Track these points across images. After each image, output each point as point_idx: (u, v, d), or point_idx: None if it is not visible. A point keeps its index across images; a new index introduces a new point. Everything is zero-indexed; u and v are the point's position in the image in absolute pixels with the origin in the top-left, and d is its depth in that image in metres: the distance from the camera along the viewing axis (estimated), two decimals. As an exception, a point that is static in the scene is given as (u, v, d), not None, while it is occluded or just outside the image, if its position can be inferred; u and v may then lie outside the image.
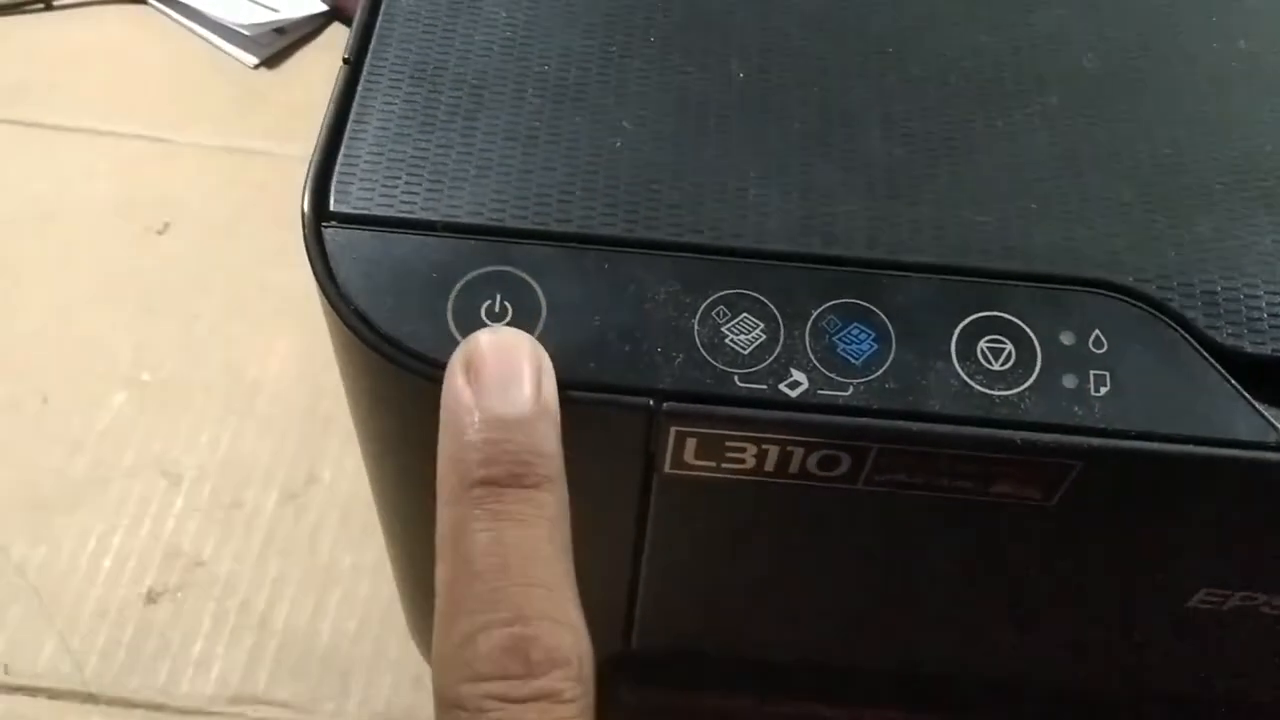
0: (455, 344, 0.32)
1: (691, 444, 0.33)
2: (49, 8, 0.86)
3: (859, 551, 0.39)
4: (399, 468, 0.39)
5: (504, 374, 0.31)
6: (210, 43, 0.85)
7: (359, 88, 0.37)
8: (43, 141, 0.80)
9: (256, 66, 0.84)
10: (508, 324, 0.33)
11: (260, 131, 0.81)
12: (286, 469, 0.65)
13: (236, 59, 0.84)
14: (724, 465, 0.34)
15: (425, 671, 0.58)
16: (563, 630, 0.29)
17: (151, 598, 0.61)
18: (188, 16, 0.85)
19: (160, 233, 0.75)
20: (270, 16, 0.83)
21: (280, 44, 0.84)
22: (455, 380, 0.31)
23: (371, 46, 0.38)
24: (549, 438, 0.31)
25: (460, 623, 0.28)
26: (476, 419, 0.30)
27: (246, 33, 0.83)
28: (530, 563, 0.30)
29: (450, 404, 0.31)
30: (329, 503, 0.64)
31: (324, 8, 0.84)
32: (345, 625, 0.60)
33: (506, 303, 0.33)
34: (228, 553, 0.62)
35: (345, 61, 0.38)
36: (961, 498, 0.35)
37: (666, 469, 0.35)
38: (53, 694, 0.58)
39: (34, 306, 0.71)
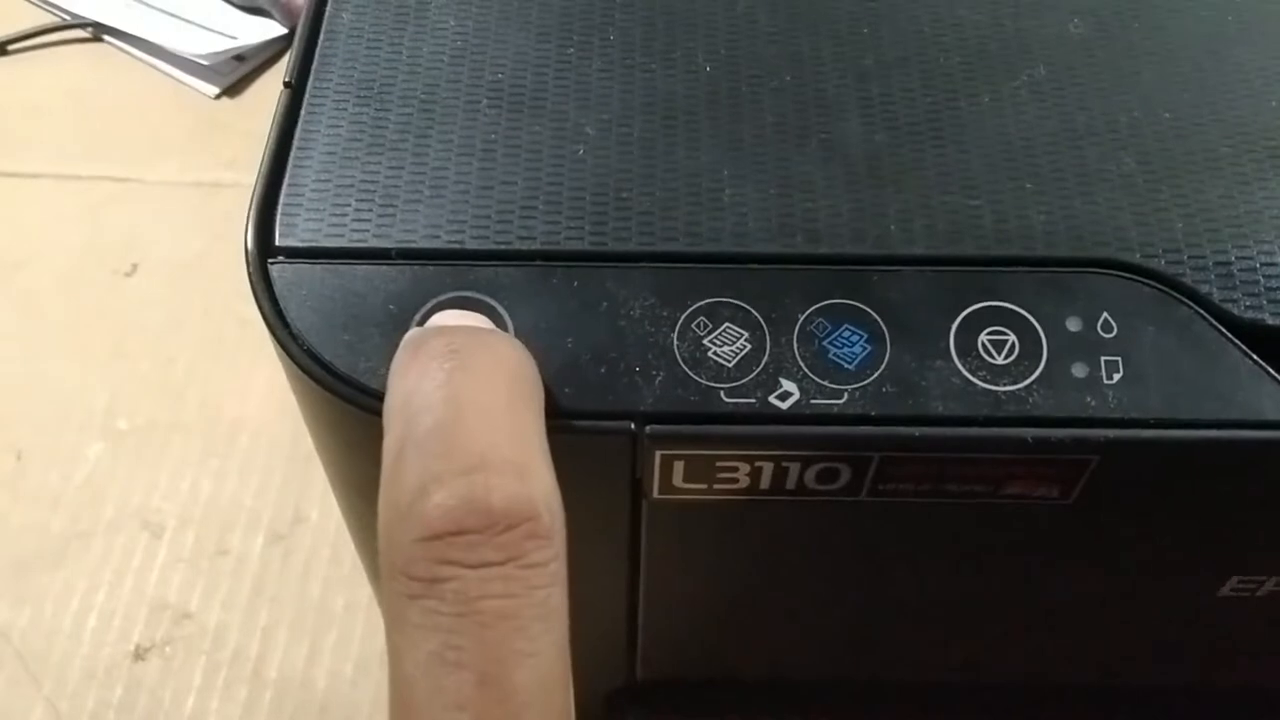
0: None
1: (679, 467, 0.31)
2: (3, 52, 0.84)
3: (868, 566, 0.36)
4: (371, 511, 0.36)
5: None
6: (170, 75, 0.82)
7: (302, 112, 0.35)
8: (4, 191, 0.77)
9: (218, 96, 0.81)
10: (473, 353, 0.30)
11: (225, 162, 0.78)
12: (272, 510, 0.63)
13: (197, 90, 0.81)
14: (716, 487, 0.32)
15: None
16: (530, 478, 0.25)
17: (139, 654, 0.58)
18: (145, 50, 0.83)
19: (129, 275, 0.73)
20: (229, 44, 0.81)
21: (241, 71, 0.82)
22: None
23: (313, 68, 0.36)
24: None
25: (409, 474, 0.24)
26: None
27: (205, 62, 0.81)
28: (490, 412, 0.25)
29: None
30: (318, 542, 0.62)
31: (283, 31, 0.82)
32: (342, 669, 0.57)
33: (464, 331, 0.31)
34: (216, 602, 0.60)
35: (286, 85, 0.35)
36: (973, 503, 0.32)
37: (655, 494, 0.32)
38: (43, 763, 0.56)
39: (2, 359, 0.69)
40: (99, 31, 0.85)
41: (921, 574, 0.37)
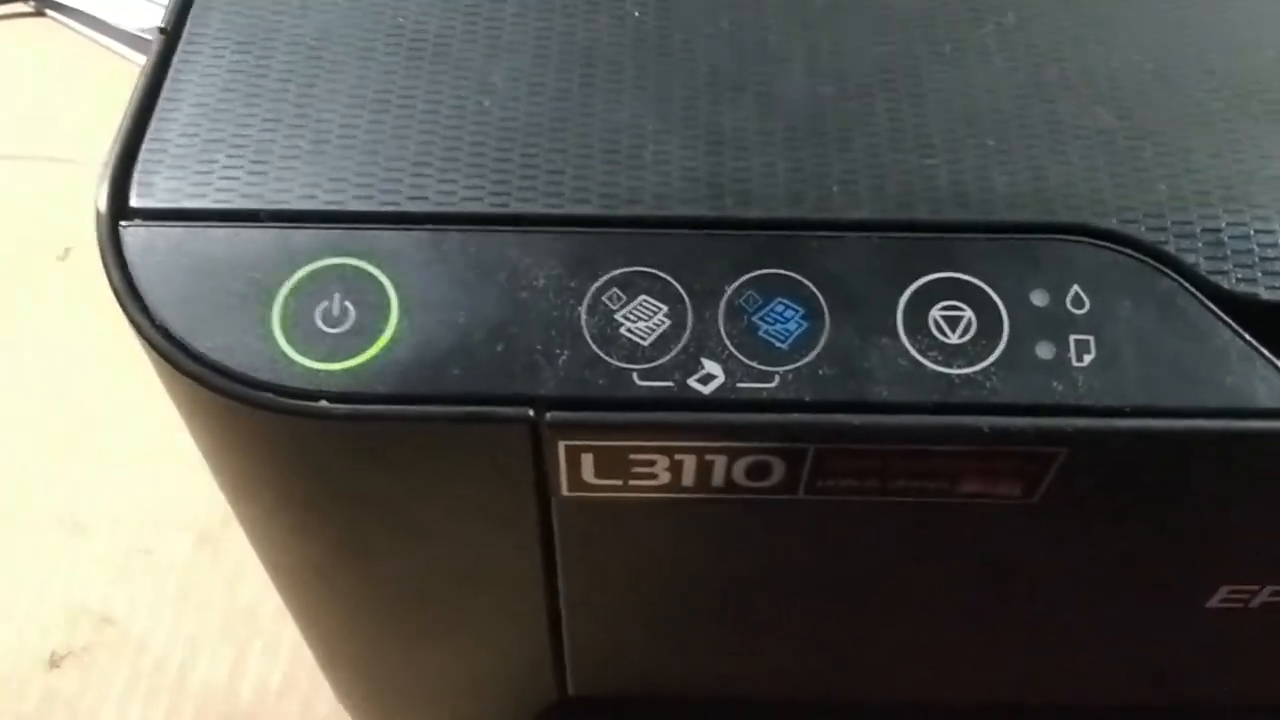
0: (283, 358, 0.26)
1: (588, 460, 0.27)
2: (-58, 28, 0.80)
3: (812, 574, 0.33)
4: (251, 509, 0.33)
5: None
6: (115, 51, 0.78)
7: (174, 59, 0.31)
8: (-62, 171, 0.74)
9: (164, 73, 0.77)
10: (350, 328, 0.26)
11: (168, 142, 0.74)
12: (201, 510, 0.59)
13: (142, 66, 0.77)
14: (633, 483, 0.28)
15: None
16: None
17: (55, 662, 0.54)
18: (89, 26, 0.79)
19: (61, 259, 0.69)
20: (175, 19, 0.77)
21: (188, 48, 0.78)
22: None
23: (192, 11, 0.32)
24: None
25: None
26: None
27: (150, 37, 0.77)
28: None
29: None
30: (249, 545, 0.57)
31: (233, 6, 0.78)
32: (268, 680, 0.54)
33: (348, 303, 0.27)
34: (139, 606, 0.56)
35: (161, 31, 0.31)
36: (925, 503, 0.28)
37: (564, 491, 0.28)
38: (-53, 779, 0.52)
39: (-75, 348, 0.65)
40: (41, 6, 0.81)
41: (872, 583, 0.33)
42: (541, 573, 0.32)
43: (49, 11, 0.80)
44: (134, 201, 0.28)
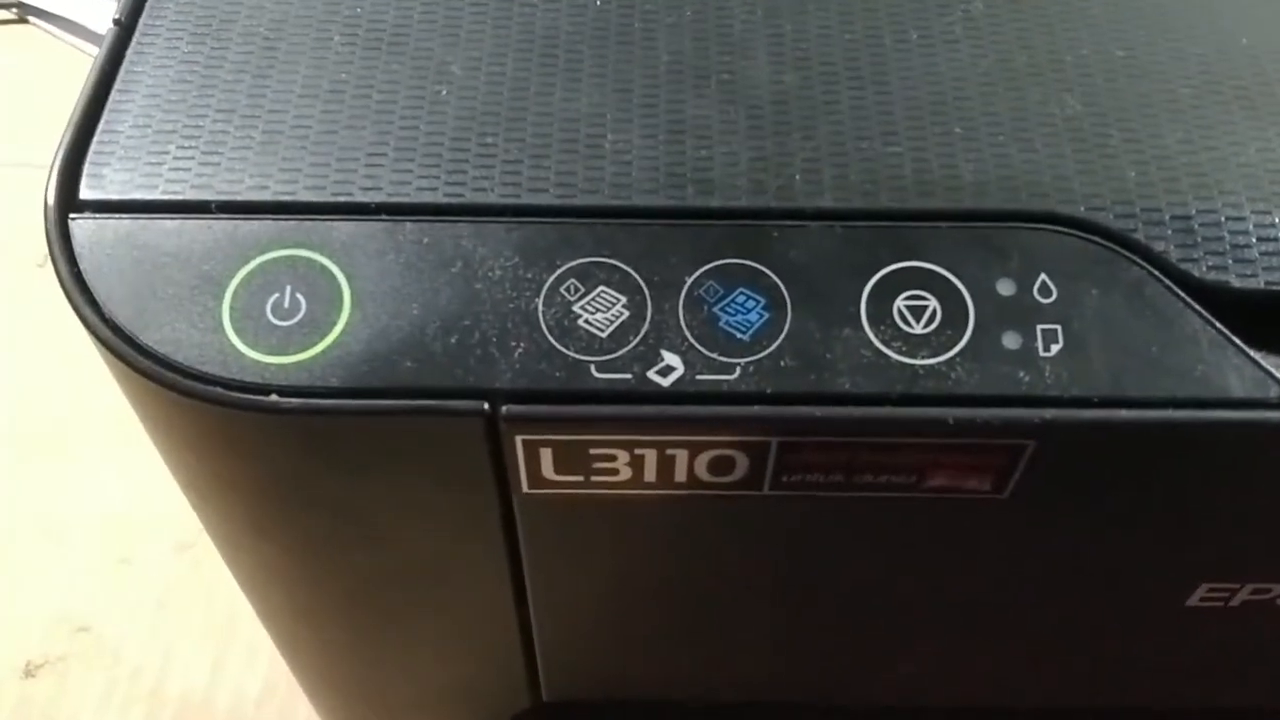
0: (233, 352, 0.26)
1: (547, 455, 0.27)
2: (-75, 35, 0.80)
3: (783, 572, 0.32)
4: (209, 509, 0.32)
5: None
6: (97, 58, 0.78)
7: (128, 51, 0.30)
8: (-81, 177, 0.73)
9: (147, 79, 0.77)
10: (301, 321, 0.26)
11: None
12: (180, 516, 0.58)
13: (125, 73, 0.77)
14: (594, 479, 0.27)
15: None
16: None
17: (30, 671, 0.54)
18: (72, 32, 0.79)
19: (41, 265, 0.68)
20: (158, 24, 0.77)
21: (171, 54, 0.78)
22: None
23: (148, 2, 0.31)
24: None
25: None
26: None
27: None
28: None
29: None
30: (226, 549, 0.57)
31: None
32: (247, 688, 0.53)
33: (299, 296, 0.26)
34: (117, 614, 0.55)
35: (115, 23, 0.31)
36: (893, 498, 0.28)
37: (525, 489, 0.28)
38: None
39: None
40: (24, 13, 0.80)
41: (844, 581, 0.32)
42: (508, 574, 0.32)
43: (31, 19, 0.80)
44: (84, 194, 0.27)
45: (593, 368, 0.26)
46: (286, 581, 0.34)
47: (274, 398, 0.25)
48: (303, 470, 0.28)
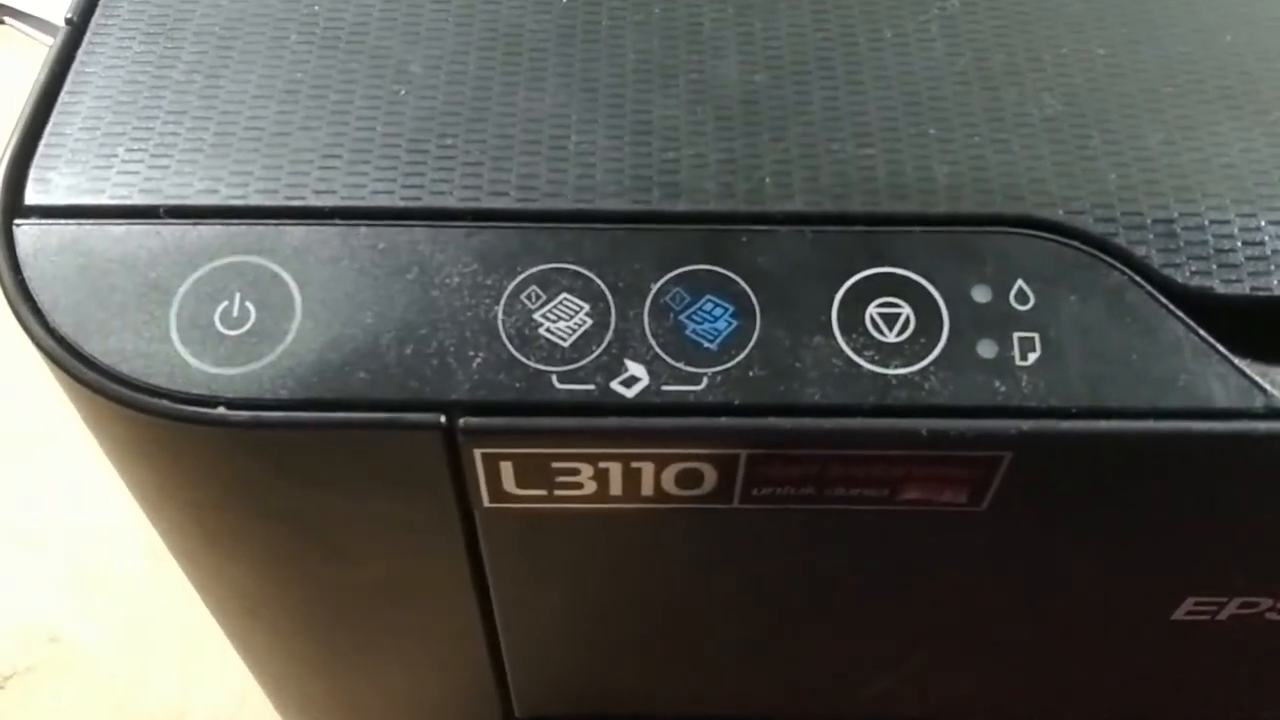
0: (180, 362, 0.25)
1: (507, 469, 0.26)
2: (-99, 36, 0.79)
3: (758, 588, 0.31)
4: (163, 523, 0.31)
5: None
6: (75, 58, 0.77)
7: (79, 51, 0.29)
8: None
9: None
10: (251, 330, 0.25)
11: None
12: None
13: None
14: (558, 493, 0.26)
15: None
16: None
17: (-1, 683, 0.53)
18: (49, 33, 0.77)
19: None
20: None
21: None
22: None
23: (100, 2, 0.30)
24: None
25: None
26: None
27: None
28: None
29: None
30: (200, 558, 0.56)
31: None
32: (221, 699, 0.52)
33: (249, 304, 0.25)
34: (89, 623, 0.54)
35: (68, 22, 0.30)
36: (868, 510, 0.27)
37: (486, 503, 0.27)
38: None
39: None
40: (0, 14, 0.79)
41: (819, 595, 0.31)
42: (473, 589, 0.31)
43: (7, 19, 0.79)
44: (29, 198, 0.27)
45: (554, 378, 0.25)
46: (246, 596, 0.33)
47: (222, 410, 0.24)
48: (255, 483, 0.27)
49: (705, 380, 0.25)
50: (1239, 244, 0.26)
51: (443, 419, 0.25)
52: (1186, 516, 0.28)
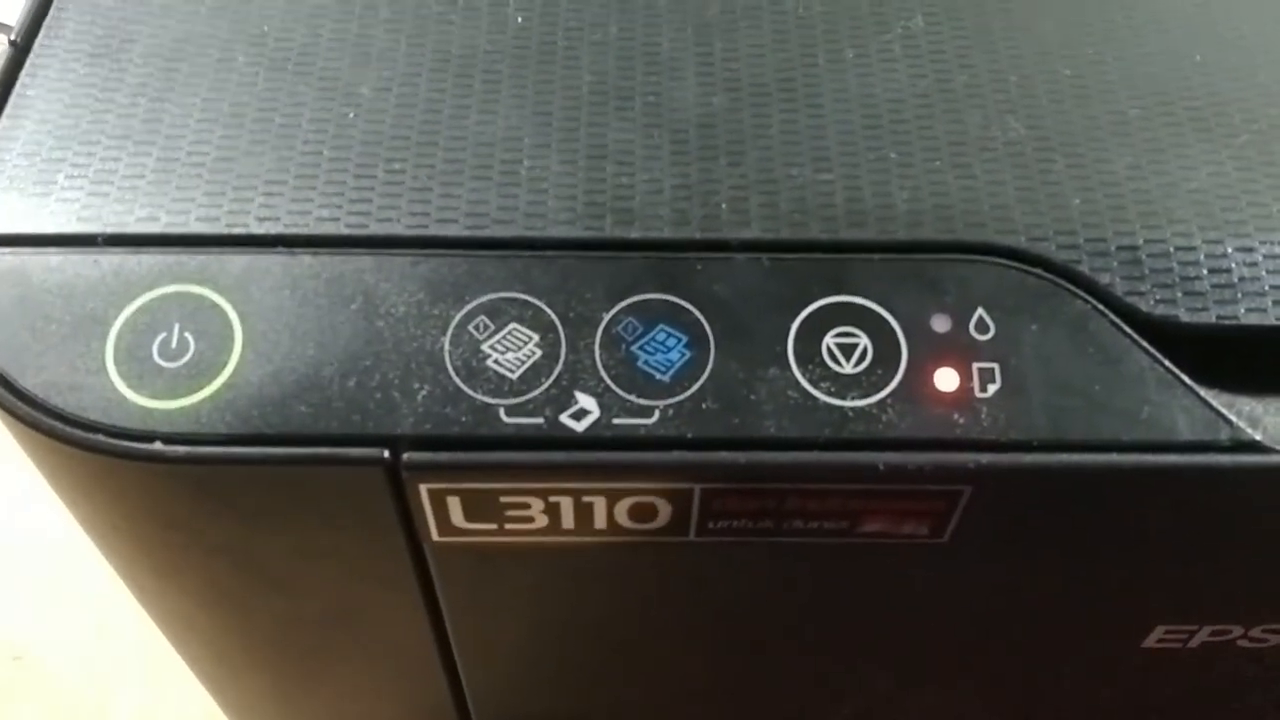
0: (117, 396, 0.24)
1: (455, 503, 0.25)
2: None
3: (718, 620, 0.30)
4: (108, 550, 0.30)
5: None
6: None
7: (20, 75, 0.28)
8: None
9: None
10: (189, 362, 0.24)
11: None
12: (120, 540, 0.56)
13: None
14: (509, 527, 0.26)
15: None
16: None
17: (-38, 704, 0.52)
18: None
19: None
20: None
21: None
22: None
23: (46, 22, 0.30)
24: None
25: None
26: None
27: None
28: None
29: None
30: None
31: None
32: (186, 716, 0.51)
33: (188, 335, 0.25)
34: (55, 640, 0.54)
35: (11, 44, 0.29)
36: (828, 544, 0.26)
37: (435, 537, 0.26)
38: None
39: None
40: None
41: (783, 626, 0.31)
42: (428, 621, 0.30)
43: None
44: (-38, 226, 0.26)
45: (502, 411, 0.24)
46: (196, 627, 0.33)
47: (159, 445, 0.24)
48: (195, 518, 0.26)
49: (657, 413, 0.24)
50: (1204, 271, 0.26)
51: (386, 454, 0.24)
52: (1152, 548, 0.27)
